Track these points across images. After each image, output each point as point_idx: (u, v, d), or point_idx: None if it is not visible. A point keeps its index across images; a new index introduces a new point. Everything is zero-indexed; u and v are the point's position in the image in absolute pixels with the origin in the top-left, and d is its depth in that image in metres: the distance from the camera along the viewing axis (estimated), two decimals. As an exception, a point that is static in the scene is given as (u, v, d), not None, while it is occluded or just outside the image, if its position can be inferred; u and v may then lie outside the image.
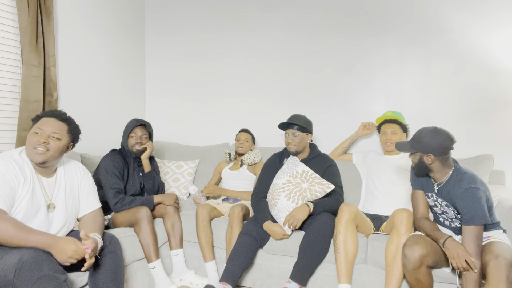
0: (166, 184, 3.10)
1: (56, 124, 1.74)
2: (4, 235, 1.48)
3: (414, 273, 1.85)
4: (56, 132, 1.72)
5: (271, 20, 3.35)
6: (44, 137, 1.68)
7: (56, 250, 1.54)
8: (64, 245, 1.54)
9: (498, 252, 1.67)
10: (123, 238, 2.18)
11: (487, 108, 2.76)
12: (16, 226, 1.51)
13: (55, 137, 1.71)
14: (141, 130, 2.56)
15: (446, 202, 1.94)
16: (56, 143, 1.71)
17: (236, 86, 3.49)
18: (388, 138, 2.58)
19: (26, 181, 1.66)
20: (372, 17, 3.04)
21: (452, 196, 1.88)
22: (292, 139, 2.43)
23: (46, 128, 1.71)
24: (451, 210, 1.93)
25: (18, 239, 1.50)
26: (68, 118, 1.80)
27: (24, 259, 1.42)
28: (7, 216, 1.54)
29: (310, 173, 2.34)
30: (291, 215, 2.20)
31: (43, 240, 1.53)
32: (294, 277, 2.14)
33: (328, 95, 3.19)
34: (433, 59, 2.88)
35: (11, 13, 2.46)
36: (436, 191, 1.97)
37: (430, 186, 2.02)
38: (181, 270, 2.46)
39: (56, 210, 1.77)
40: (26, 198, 1.64)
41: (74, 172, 1.90)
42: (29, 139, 1.69)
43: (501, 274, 1.61)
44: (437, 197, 1.98)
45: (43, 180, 1.75)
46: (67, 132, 1.77)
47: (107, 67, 3.30)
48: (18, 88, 2.51)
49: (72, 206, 1.85)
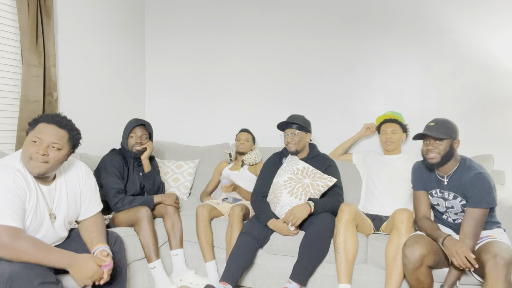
0: (166, 184, 3.10)
1: (57, 133, 1.58)
2: (24, 256, 1.40)
3: (414, 273, 1.85)
4: (56, 142, 1.57)
5: (270, 21, 3.35)
6: (43, 148, 1.54)
7: (75, 270, 1.48)
8: (84, 265, 1.49)
9: (496, 251, 1.67)
10: (124, 237, 2.17)
11: (487, 108, 2.76)
12: (35, 245, 1.43)
13: (55, 147, 1.57)
14: (141, 130, 2.56)
15: (454, 193, 1.94)
16: (56, 154, 1.57)
17: (236, 86, 3.49)
18: (388, 137, 2.58)
19: (31, 195, 1.56)
20: (371, 17, 3.04)
21: (462, 182, 1.89)
22: (292, 138, 2.43)
23: (46, 137, 1.56)
24: (458, 201, 1.94)
25: (37, 260, 1.42)
26: (68, 125, 1.64)
27: (15, 270, 1.36)
28: (25, 236, 1.46)
29: (310, 169, 2.35)
30: (291, 212, 2.20)
31: (62, 259, 1.47)
32: (294, 277, 2.14)
33: (327, 95, 3.19)
34: (433, 59, 2.89)
35: (11, 13, 2.46)
36: (446, 183, 1.97)
37: (435, 183, 2.02)
38: (181, 270, 2.46)
39: (58, 218, 1.69)
40: (32, 212, 1.56)
41: (76, 175, 1.79)
42: (26, 148, 1.55)
43: (499, 274, 1.61)
44: (443, 192, 1.99)
45: (43, 189, 1.64)
46: (67, 140, 1.62)
47: (107, 67, 3.30)
48: (18, 88, 2.51)
49: (75, 211, 1.78)
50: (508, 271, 1.63)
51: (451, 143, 1.92)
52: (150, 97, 3.82)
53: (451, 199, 1.97)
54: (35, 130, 1.58)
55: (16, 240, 1.41)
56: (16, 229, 1.44)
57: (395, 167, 2.54)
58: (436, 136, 1.89)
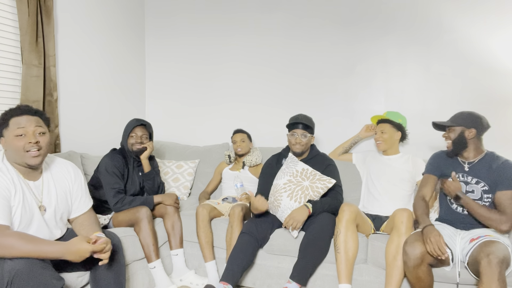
0: (166, 184, 3.10)
1: (33, 120, 1.62)
2: (12, 252, 1.41)
3: (414, 271, 1.86)
4: (39, 126, 1.63)
5: (270, 21, 3.35)
6: (32, 137, 1.58)
7: (71, 256, 1.50)
8: (78, 248, 1.51)
9: (489, 250, 1.69)
10: (123, 237, 2.17)
11: (487, 108, 2.75)
12: (23, 239, 1.43)
13: (40, 132, 1.62)
14: (141, 130, 2.56)
15: (478, 178, 2.01)
16: (44, 139, 1.63)
17: (236, 86, 3.49)
18: (377, 138, 2.61)
19: (16, 190, 1.58)
20: (371, 17, 3.04)
21: (492, 169, 1.98)
22: (300, 139, 2.43)
23: (28, 127, 1.59)
24: (480, 187, 2.00)
25: (28, 253, 1.42)
26: (36, 110, 1.68)
27: (17, 268, 1.37)
28: (12, 232, 1.47)
29: (310, 170, 2.35)
30: (290, 217, 2.20)
31: (55, 249, 1.48)
32: (294, 277, 2.13)
33: (328, 95, 3.19)
34: (433, 59, 2.88)
35: (11, 13, 2.46)
36: (468, 169, 2.05)
37: (457, 167, 2.10)
38: (181, 270, 2.46)
39: (48, 212, 1.70)
40: (19, 207, 1.57)
41: (64, 173, 1.81)
42: (14, 144, 1.57)
43: (493, 272, 1.62)
44: (465, 176, 2.05)
45: (31, 184, 1.66)
46: (44, 123, 1.67)
47: (107, 66, 3.30)
48: (18, 88, 2.51)
49: (65, 207, 1.79)
50: (502, 269, 1.64)
51: (461, 131, 2.03)
52: (150, 97, 3.81)
53: (473, 183, 2.03)
54: (10, 126, 1.60)
55: (2, 237, 1.42)
56: (1, 225, 1.46)
57: (394, 168, 2.54)
58: (439, 123, 2.12)
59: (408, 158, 2.57)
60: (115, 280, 1.78)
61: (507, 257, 1.71)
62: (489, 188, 1.98)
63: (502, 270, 1.63)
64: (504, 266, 1.66)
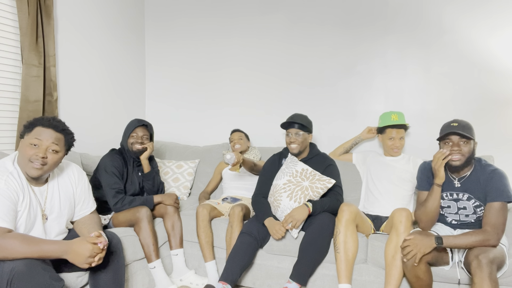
0: (166, 184, 3.10)
1: (54, 137, 1.64)
2: (14, 253, 1.41)
3: (413, 270, 1.86)
4: (55, 143, 1.63)
5: (270, 22, 3.35)
6: (42, 151, 1.60)
7: (72, 256, 1.50)
8: (79, 248, 1.51)
9: (478, 252, 1.70)
10: (123, 237, 2.18)
11: (487, 108, 2.76)
12: (24, 241, 1.44)
13: (53, 150, 1.63)
14: (142, 131, 2.56)
15: (469, 194, 1.95)
16: (54, 157, 1.63)
17: (236, 86, 3.49)
18: (396, 145, 2.54)
19: (24, 196, 1.60)
20: (371, 17, 3.04)
21: (480, 182, 1.91)
22: (295, 138, 2.43)
23: (44, 141, 1.61)
24: (471, 203, 1.94)
25: (30, 253, 1.43)
26: (64, 129, 1.70)
27: (17, 269, 1.37)
28: (13, 234, 1.47)
29: (309, 170, 2.35)
30: (290, 215, 2.20)
31: (56, 248, 1.48)
32: (294, 277, 2.14)
33: (328, 96, 3.19)
34: (433, 59, 2.88)
35: (11, 13, 2.46)
36: (460, 185, 1.97)
37: (445, 186, 2.00)
38: (181, 270, 2.46)
39: (50, 219, 1.71)
40: (25, 212, 1.59)
41: (68, 176, 1.83)
42: (25, 150, 1.60)
43: (483, 272, 1.63)
44: (454, 194, 1.98)
45: (36, 190, 1.68)
46: (64, 144, 1.69)
47: (107, 67, 3.30)
48: (18, 88, 2.51)
49: (68, 211, 1.80)
50: (492, 269, 1.64)
51: (473, 145, 1.92)
52: (150, 97, 3.81)
53: (464, 200, 1.97)
54: (32, 133, 1.63)
55: (3, 239, 1.42)
56: (3, 228, 1.47)
57: (395, 168, 2.54)
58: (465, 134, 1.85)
59: (409, 159, 2.57)
60: (114, 280, 1.78)
61: (498, 257, 1.72)
62: (480, 203, 1.93)
63: (492, 271, 1.63)
64: (494, 266, 1.66)
